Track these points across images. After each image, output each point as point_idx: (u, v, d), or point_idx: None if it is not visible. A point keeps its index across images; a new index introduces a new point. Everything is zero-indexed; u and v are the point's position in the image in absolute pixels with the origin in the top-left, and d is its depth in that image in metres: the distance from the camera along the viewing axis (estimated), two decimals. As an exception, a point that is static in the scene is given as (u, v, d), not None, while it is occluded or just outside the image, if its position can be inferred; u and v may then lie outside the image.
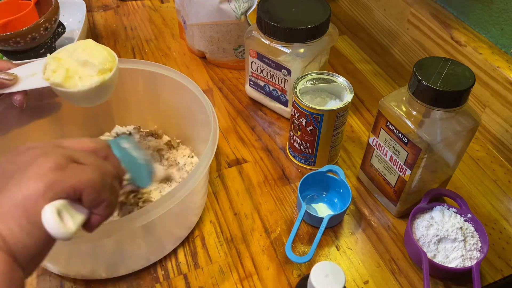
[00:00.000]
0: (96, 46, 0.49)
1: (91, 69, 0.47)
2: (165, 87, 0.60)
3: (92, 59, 0.47)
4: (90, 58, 0.47)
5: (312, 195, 0.59)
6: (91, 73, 0.47)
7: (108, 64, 0.48)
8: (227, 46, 0.77)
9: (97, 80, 0.47)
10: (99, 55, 0.48)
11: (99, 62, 0.47)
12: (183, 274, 0.51)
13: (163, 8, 0.97)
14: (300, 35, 0.61)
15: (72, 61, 0.48)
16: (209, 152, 0.49)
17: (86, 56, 0.47)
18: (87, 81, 0.47)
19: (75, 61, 0.47)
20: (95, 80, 0.47)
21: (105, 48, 0.50)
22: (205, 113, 0.54)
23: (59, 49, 0.50)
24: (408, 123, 0.48)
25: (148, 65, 0.59)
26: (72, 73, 0.47)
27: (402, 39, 0.81)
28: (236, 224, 0.56)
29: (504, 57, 0.62)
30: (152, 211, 0.43)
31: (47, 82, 0.47)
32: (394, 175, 0.54)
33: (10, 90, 0.47)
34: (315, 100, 0.60)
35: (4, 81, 0.46)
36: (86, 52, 0.48)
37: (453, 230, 0.51)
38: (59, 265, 0.50)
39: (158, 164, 0.60)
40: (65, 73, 0.47)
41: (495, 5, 0.64)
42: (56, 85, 0.47)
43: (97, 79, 0.47)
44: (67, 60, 0.48)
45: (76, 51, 0.48)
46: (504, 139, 0.64)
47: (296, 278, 0.51)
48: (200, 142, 0.61)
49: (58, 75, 0.46)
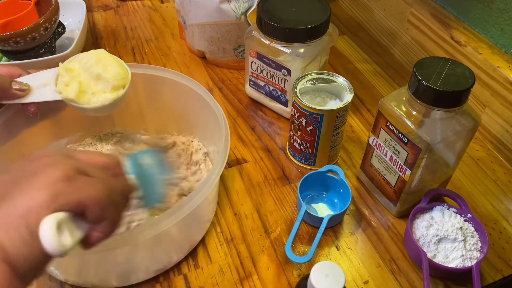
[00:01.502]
0: (109, 58, 0.48)
1: (105, 85, 0.47)
2: (166, 90, 0.60)
3: (106, 74, 0.46)
4: (103, 73, 0.46)
5: (312, 195, 0.59)
6: (104, 88, 0.47)
7: (122, 81, 0.47)
8: (227, 46, 0.77)
9: (110, 97, 0.46)
10: (112, 70, 0.47)
11: (113, 77, 0.47)
12: (183, 274, 0.51)
13: (163, 8, 0.97)
14: (300, 35, 0.61)
15: (85, 74, 0.47)
16: (220, 161, 0.48)
17: (100, 70, 0.46)
18: (101, 98, 0.46)
19: (89, 75, 0.47)
20: (108, 97, 0.46)
21: (118, 60, 0.49)
22: (213, 114, 0.54)
23: (71, 57, 0.49)
24: (408, 123, 0.48)
25: (151, 69, 0.59)
26: (85, 87, 0.46)
27: (402, 39, 0.81)
28: (236, 224, 0.56)
29: (504, 57, 0.63)
30: (162, 222, 0.43)
31: (60, 95, 0.46)
32: (394, 175, 0.54)
33: (22, 101, 0.47)
34: (315, 100, 0.60)
35: (16, 93, 0.46)
36: (100, 66, 0.47)
37: (453, 230, 0.51)
38: (59, 270, 0.50)
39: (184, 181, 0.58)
40: (78, 87, 0.46)
41: (495, 5, 0.64)
42: (69, 100, 0.46)
43: (111, 96, 0.46)
44: (80, 72, 0.47)
45: (89, 62, 0.47)
46: (504, 139, 0.64)
47: (296, 278, 0.51)
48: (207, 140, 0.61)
49: (71, 90, 0.46)
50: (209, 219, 0.55)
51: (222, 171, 0.48)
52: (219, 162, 0.48)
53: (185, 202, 0.44)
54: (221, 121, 0.53)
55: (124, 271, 0.50)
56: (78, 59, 0.48)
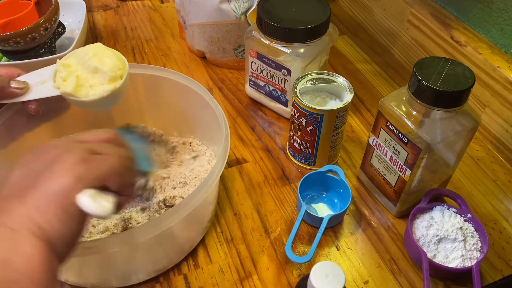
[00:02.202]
0: (106, 50, 0.49)
1: (102, 77, 0.47)
2: (166, 90, 0.60)
3: (103, 66, 0.46)
4: (100, 65, 0.46)
5: (312, 195, 0.59)
6: (102, 81, 0.47)
7: (119, 71, 0.47)
8: (227, 46, 0.77)
9: (108, 88, 0.46)
10: (109, 62, 0.47)
11: (110, 69, 0.47)
12: (183, 274, 0.51)
13: (163, 8, 0.97)
14: (300, 35, 0.61)
15: (82, 68, 0.47)
16: (220, 161, 0.48)
17: (97, 63, 0.47)
18: (98, 90, 0.46)
19: (86, 68, 0.47)
20: (106, 88, 0.46)
21: (115, 52, 0.49)
22: (213, 114, 0.54)
23: (68, 53, 0.49)
24: (408, 123, 0.48)
25: (151, 69, 0.59)
26: (82, 81, 0.47)
27: (402, 39, 0.81)
28: (236, 224, 0.56)
29: (504, 57, 0.63)
30: (165, 220, 0.43)
31: (58, 90, 0.47)
32: (394, 175, 0.54)
33: (21, 99, 0.47)
34: (315, 100, 0.60)
35: (15, 91, 0.46)
36: (97, 59, 0.47)
37: (453, 230, 0.51)
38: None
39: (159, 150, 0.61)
40: (75, 81, 0.46)
41: (495, 5, 0.64)
42: (67, 94, 0.46)
43: (108, 87, 0.47)
44: (77, 67, 0.47)
45: (86, 56, 0.47)
46: (504, 139, 0.64)
47: (296, 278, 0.51)
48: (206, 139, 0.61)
49: (69, 84, 0.46)
50: (209, 219, 0.55)
51: (222, 171, 0.48)
52: (219, 162, 0.48)
53: (185, 202, 0.44)
54: (221, 121, 0.53)
55: (124, 271, 0.50)
56: (75, 55, 0.48)
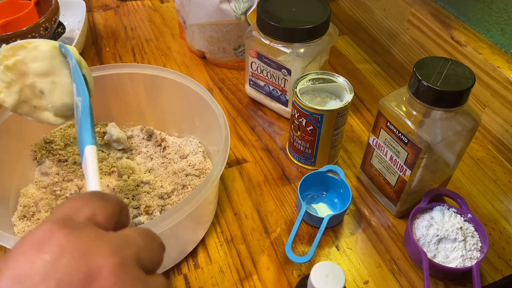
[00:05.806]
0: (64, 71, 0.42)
1: (48, 105, 0.42)
2: (166, 90, 0.60)
3: (49, 97, 0.41)
4: (48, 94, 0.41)
5: (312, 195, 0.59)
6: (47, 108, 0.42)
7: (66, 112, 0.43)
8: (227, 46, 0.77)
9: (54, 121, 0.43)
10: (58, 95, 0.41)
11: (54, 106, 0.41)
12: (183, 274, 0.51)
13: (163, 8, 0.97)
14: (300, 35, 0.61)
15: (31, 80, 0.41)
16: (220, 161, 0.48)
17: (46, 86, 0.41)
18: (43, 116, 0.42)
19: (33, 83, 0.41)
20: (52, 120, 0.43)
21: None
22: (213, 114, 0.54)
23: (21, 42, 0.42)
24: (408, 123, 0.48)
25: (151, 69, 0.59)
26: (26, 97, 0.42)
27: (402, 39, 0.81)
28: (236, 224, 0.56)
29: (504, 57, 0.62)
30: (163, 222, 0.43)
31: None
32: (394, 175, 0.54)
33: None
34: (315, 100, 0.60)
35: None
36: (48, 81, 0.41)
37: (453, 230, 0.51)
38: None
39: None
40: (18, 96, 0.41)
41: (495, 5, 0.64)
42: (8, 106, 0.42)
43: (54, 121, 0.43)
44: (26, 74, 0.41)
45: (40, 68, 0.41)
46: (504, 139, 0.64)
47: (296, 278, 0.51)
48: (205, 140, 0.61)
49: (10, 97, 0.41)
50: (209, 219, 0.55)
51: (222, 171, 0.48)
52: (219, 162, 0.48)
53: (185, 202, 0.44)
54: (221, 121, 0.53)
55: None
56: (31, 56, 0.41)
